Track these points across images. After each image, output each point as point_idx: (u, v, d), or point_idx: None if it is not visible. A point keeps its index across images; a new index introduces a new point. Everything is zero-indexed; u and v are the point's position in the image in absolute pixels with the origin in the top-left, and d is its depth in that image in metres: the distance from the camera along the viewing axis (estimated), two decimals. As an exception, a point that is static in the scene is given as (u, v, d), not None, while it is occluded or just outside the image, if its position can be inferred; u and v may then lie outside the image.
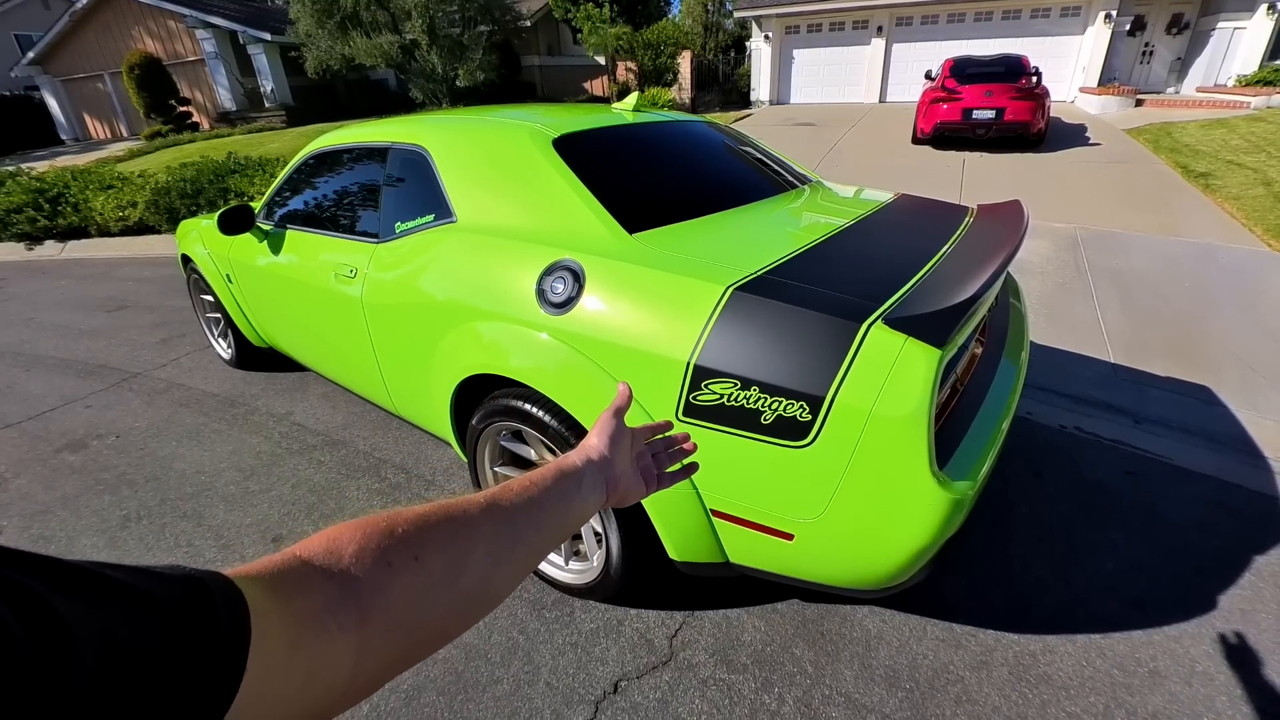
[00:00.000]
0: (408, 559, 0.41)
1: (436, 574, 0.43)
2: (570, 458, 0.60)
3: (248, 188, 6.68)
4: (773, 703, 1.48)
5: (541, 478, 0.55)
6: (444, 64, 14.16)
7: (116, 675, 0.25)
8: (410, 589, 0.41)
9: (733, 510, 1.35)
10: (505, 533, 0.49)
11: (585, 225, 1.59)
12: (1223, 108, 10.54)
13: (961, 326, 1.18)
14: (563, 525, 0.55)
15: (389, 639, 0.39)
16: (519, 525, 0.50)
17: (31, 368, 3.72)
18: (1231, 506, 2.08)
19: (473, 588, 0.46)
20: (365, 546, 0.40)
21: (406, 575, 0.41)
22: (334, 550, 0.39)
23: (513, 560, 0.49)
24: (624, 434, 0.64)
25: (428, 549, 0.43)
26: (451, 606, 0.44)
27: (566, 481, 0.57)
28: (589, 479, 0.59)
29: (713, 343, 1.27)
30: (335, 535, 0.40)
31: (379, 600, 0.39)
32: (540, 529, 0.52)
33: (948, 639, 1.62)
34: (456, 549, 0.45)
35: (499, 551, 0.48)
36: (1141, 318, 3.52)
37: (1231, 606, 1.70)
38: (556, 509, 0.54)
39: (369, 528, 0.41)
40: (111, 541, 2.14)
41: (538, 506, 0.52)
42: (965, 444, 1.35)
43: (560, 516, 0.55)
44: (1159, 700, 1.46)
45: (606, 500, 0.61)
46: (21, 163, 11.35)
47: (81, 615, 0.24)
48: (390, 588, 0.39)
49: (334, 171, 2.42)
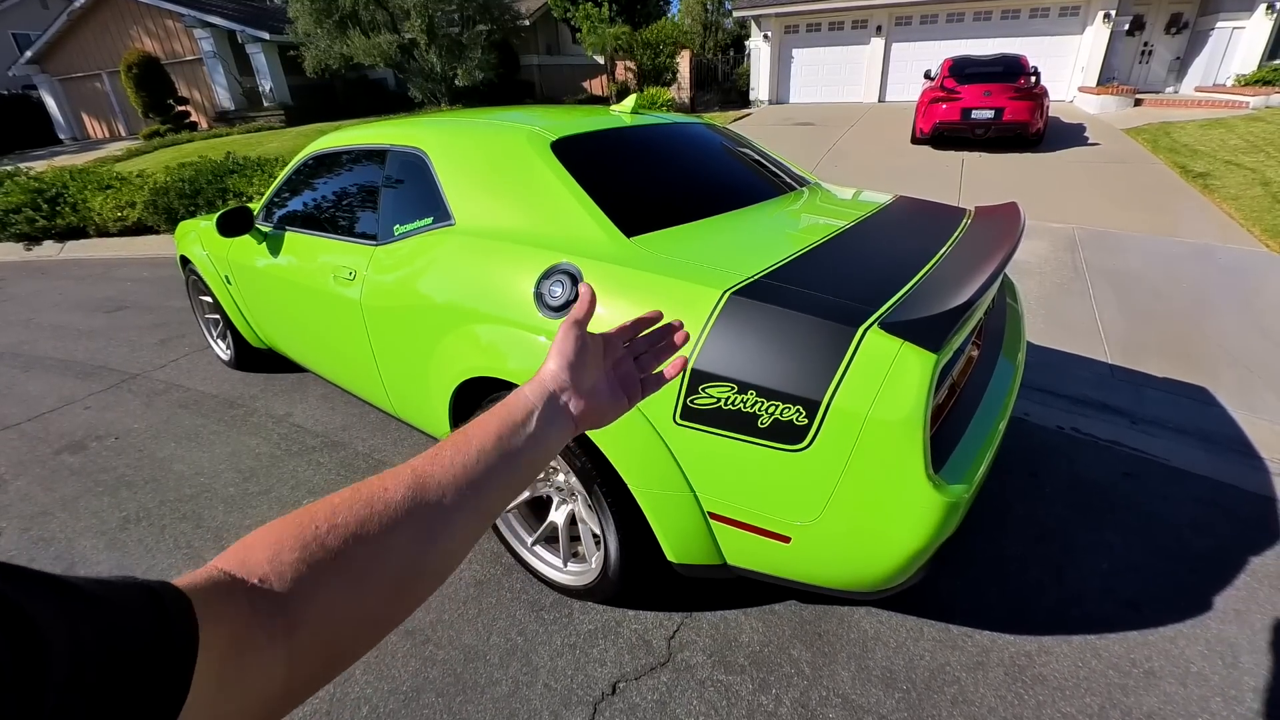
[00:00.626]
0: (325, 558, 0.39)
1: (359, 566, 0.40)
2: (520, 392, 0.53)
3: (246, 188, 6.67)
4: (770, 703, 1.49)
5: (480, 432, 0.49)
6: (443, 63, 14.16)
7: (87, 679, 0.25)
8: (334, 589, 0.39)
9: (730, 513, 1.36)
10: (435, 508, 0.44)
11: (583, 229, 1.59)
12: (1221, 107, 10.55)
13: (957, 330, 1.18)
14: (516, 475, 0.50)
15: (321, 640, 0.38)
16: (454, 493, 0.45)
17: (30, 368, 3.72)
18: (1227, 507, 2.09)
19: (403, 574, 0.42)
20: (278, 552, 0.38)
21: (327, 573, 0.38)
22: (247, 560, 0.37)
23: (449, 534, 0.45)
24: (588, 345, 0.56)
25: (346, 543, 0.40)
26: (382, 598, 0.41)
27: (514, 428, 0.50)
28: (545, 411, 0.52)
29: (710, 346, 1.27)
30: (248, 544, 0.38)
31: (303, 605, 0.37)
32: (481, 492, 0.47)
33: (944, 640, 1.63)
34: (378, 535, 0.41)
35: (430, 529, 0.43)
36: (1139, 318, 3.52)
37: (1227, 607, 1.71)
38: (502, 461, 0.48)
39: (280, 531, 0.39)
40: (111, 543, 2.14)
41: (476, 469, 0.47)
42: (961, 446, 1.36)
43: (508, 467, 0.49)
44: (1154, 701, 1.46)
45: (576, 427, 0.54)
46: (20, 162, 11.34)
47: (51, 619, 0.25)
48: (313, 591, 0.38)
49: (333, 173, 2.42)
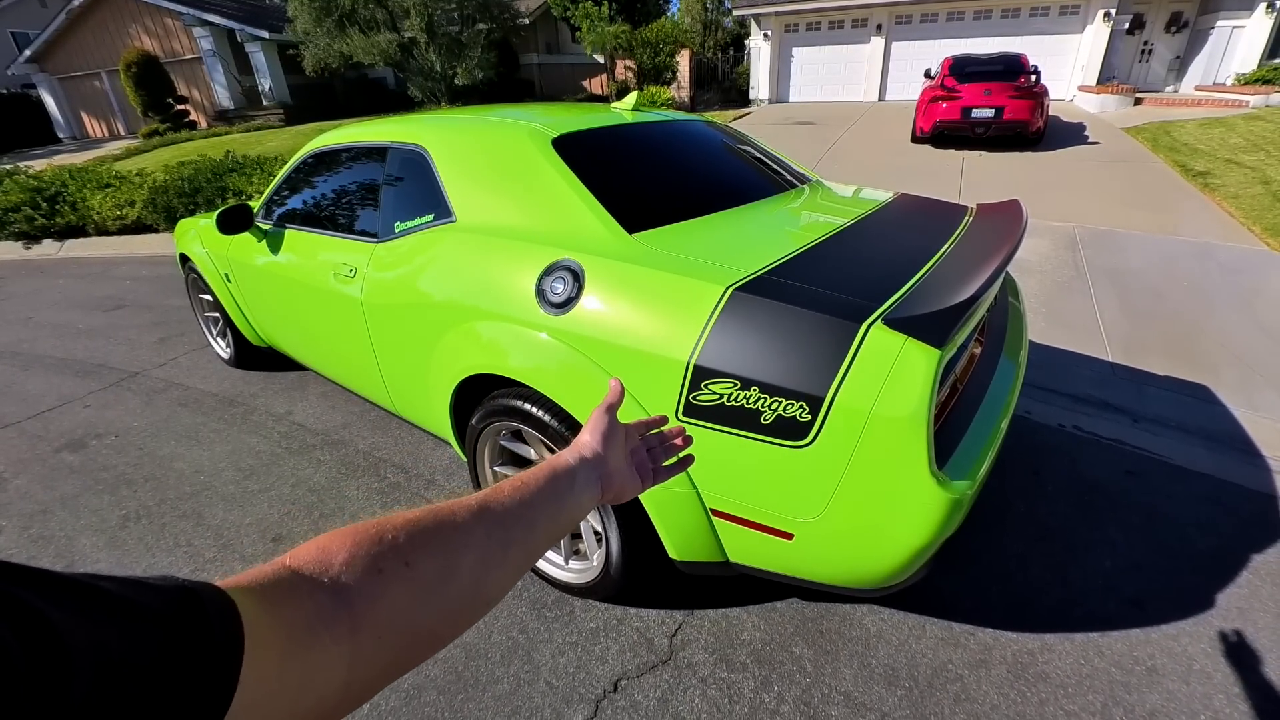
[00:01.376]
0: (398, 565, 0.41)
1: (428, 579, 0.42)
2: (563, 456, 0.59)
3: (246, 186, 6.66)
4: (772, 701, 1.48)
5: (534, 478, 0.55)
6: (442, 62, 14.14)
7: (112, 688, 0.25)
8: (401, 596, 0.40)
9: (732, 510, 1.35)
10: (497, 536, 0.48)
11: (585, 225, 1.59)
12: (1221, 106, 10.55)
13: (961, 327, 1.18)
14: (557, 525, 0.55)
15: (382, 646, 0.39)
16: (511, 528, 0.50)
17: (30, 367, 3.71)
18: (1229, 505, 2.09)
19: (465, 592, 0.45)
20: (355, 554, 0.39)
21: (397, 582, 0.40)
22: (324, 559, 0.39)
23: (505, 563, 0.49)
24: (617, 430, 0.64)
25: (418, 555, 0.42)
26: (444, 611, 0.44)
27: (559, 481, 0.56)
28: (582, 476, 0.58)
29: (713, 343, 1.27)
30: (325, 544, 0.40)
31: (370, 608, 0.38)
32: (534, 530, 0.52)
33: (946, 638, 1.63)
34: (447, 554, 0.44)
35: (491, 555, 0.47)
36: (1140, 317, 3.52)
37: (1229, 605, 1.71)
38: (549, 509, 0.54)
39: (359, 535, 0.41)
40: (111, 541, 2.14)
41: (530, 508, 0.52)
42: (964, 443, 1.35)
43: (554, 516, 0.54)
44: (1157, 698, 1.46)
45: (601, 496, 0.60)
46: (19, 161, 11.32)
47: (75, 628, 0.24)
48: (381, 595, 0.39)
49: (333, 171, 2.42)
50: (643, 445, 0.68)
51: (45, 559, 2.07)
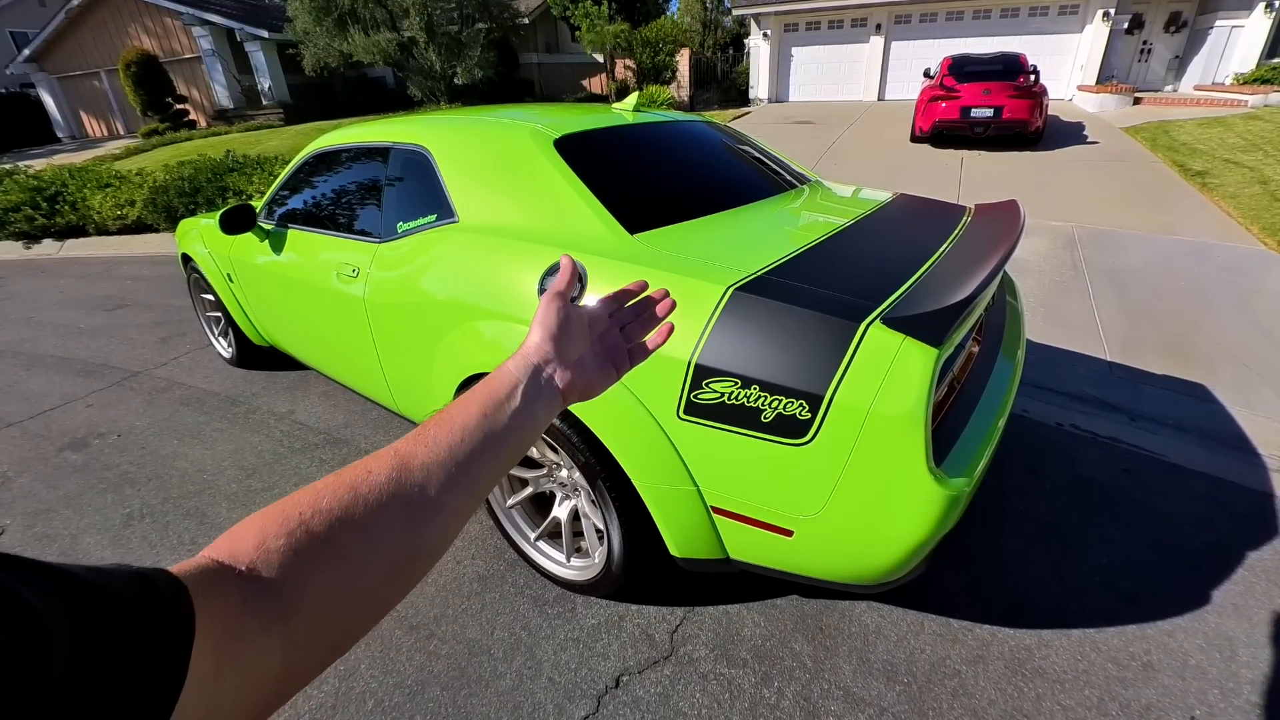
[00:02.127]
0: (315, 545, 0.38)
1: (350, 554, 0.40)
2: (505, 366, 0.53)
3: (246, 186, 6.67)
4: (772, 696, 1.50)
5: (464, 410, 0.49)
6: (442, 62, 14.14)
7: (86, 667, 0.25)
8: (325, 574, 0.38)
9: (733, 507, 1.37)
10: (421, 490, 0.44)
11: (587, 225, 1.60)
12: (1220, 106, 10.57)
13: (958, 326, 1.19)
14: (504, 454, 0.49)
15: (316, 627, 0.38)
16: (439, 477, 0.45)
17: (32, 366, 3.73)
18: (1225, 503, 2.11)
19: (395, 557, 0.42)
20: (263, 540, 0.38)
21: (317, 562, 0.38)
22: (234, 550, 0.37)
23: (439, 515, 0.44)
24: (573, 316, 0.56)
25: (334, 530, 0.39)
26: (374, 582, 0.41)
27: (499, 404, 0.50)
28: (529, 385, 0.52)
29: (713, 342, 1.28)
30: (234, 534, 0.38)
31: (294, 593, 0.37)
32: (469, 471, 0.46)
33: (945, 634, 1.65)
34: (365, 522, 0.41)
35: (420, 511, 0.43)
36: (1138, 316, 3.54)
37: (1225, 601, 1.73)
38: (487, 441, 0.48)
39: (265, 520, 0.39)
40: (115, 540, 2.15)
41: (461, 448, 0.46)
42: (962, 441, 1.37)
43: (496, 448, 0.48)
44: (1152, 693, 1.48)
45: (564, 399, 0.54)
46: (18, 161, 11.32)
47: (49, 608, 0.24)
48: (304, 578, 0.37)
49: (335, 171, 2.43)
50: (614, 325, 0.60)
51: (50, 557, 2.05)
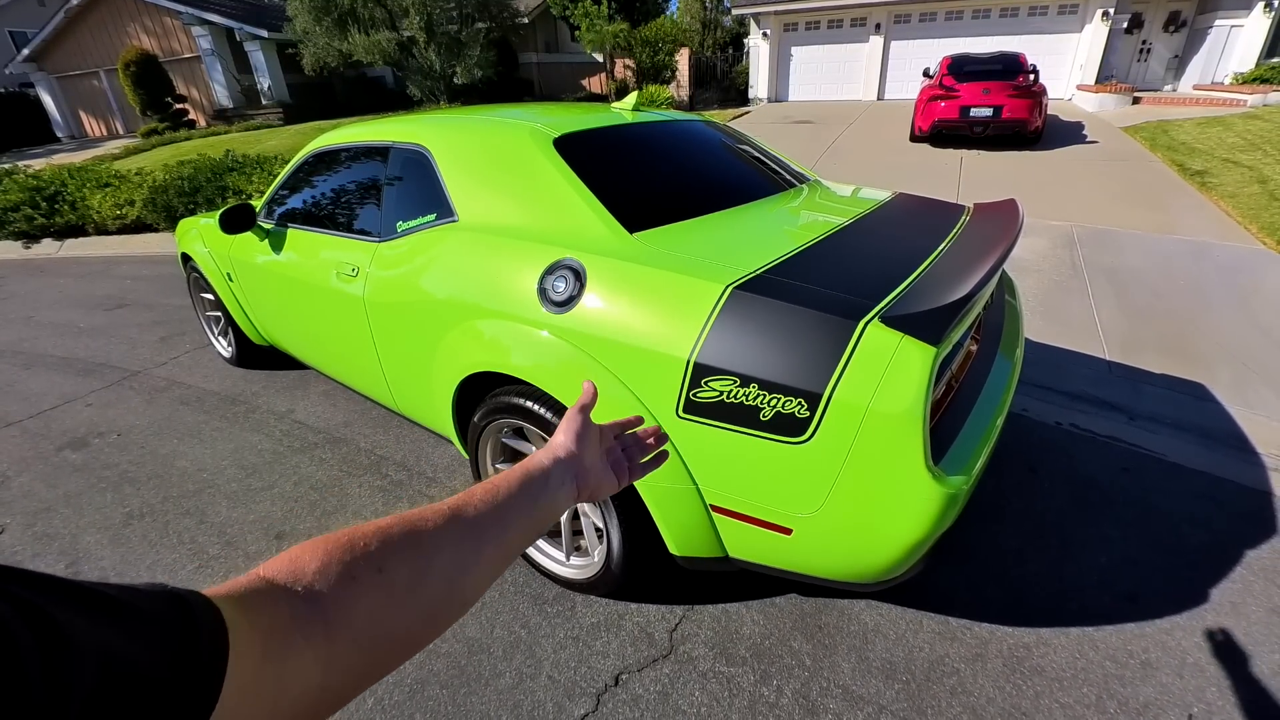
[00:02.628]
0: (371, 571, 0.42)
1: (400, 585, 0.44)
2: (537, 457, 0.61)
3: (246, 185, 6.67)
4: (771, 695, 1.50)
5: (506, 481, 0.56)
6: (442, 61, 14.13)
7: (114, 687, 0.26)
8: (375, 601, 0.42)
9: (732, 505, 1.37)
10: (470, 539, 0.49)
11: (586, 224, 1.61)
12: (1219, 105, 10.58)
13: (956, 324, 1.20)
14: (532, 524, 0.56)
15: (356, 650, 0.40)
16: (484, 530, 0.51)
17: (31, 366, 3.73)
18: (1224, 502, 2.11)
19: (439, 594, 0.46)
20: (328, 562, 0.41)
21: (370, 588, 0.42)
22: (297, 568, 0.40)
23: (479, 564, 0.50)
24: (591, 429, 0.66)
25: (390, 561, 0.43)
26: (417, 615, 0.45)
27: (533, 481, 0.58)
28: (556, 476, 0.60)
29: (712, 340, 1.29)
30: (298, 554, 0.41)
31: (344, 613, 0.39)
32: (506, 531, 0.53)
33: (943, 632, 1.65)
34: (420, 558, 0.45)
35: (464, 557, 0.48)
36: (1137, 315, 3.54)
37: (1222, 600, 1.73)
38: (523, 509, 0.55)
39: (330, 544, 0.42)
40: (115, 539, 2.15)
41: (503, 510, 0.53)
42: (960, 439, 1.37)
43: (528, 516, 0.56)
44: (1150, 691, 1.48)
45: (577, 495, 0.62)
46: (17, 160, 11.32)
47: (80, 628, 0.26)
48: (355, 601, 0.40)
49: (335, 171, 2.43)
50: (618, 445, 0.70)
51: (49, 556, 2.09)
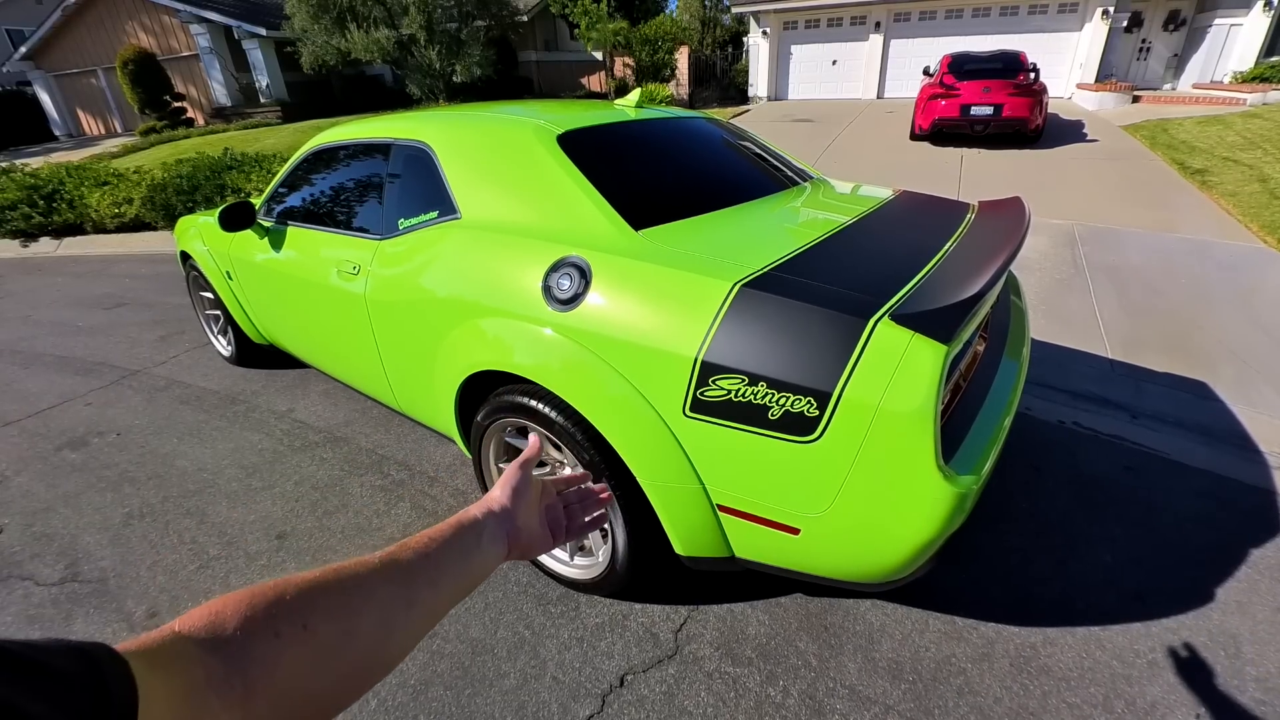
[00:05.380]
0: (296, 628, 0.40)
1: (326, 643, 0.42)
2: (471, 511, 0.60)
3: (244, 184, 6.65)
4: (778, 695, 1.50)
5: (440, 534, 0.55)
6: (441, 59, 14.09)
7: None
8: (298, 659, 0.40)
9: (739, 505, 1.36)
10: (400, 595, 0.48)
11: (591, 222, 1.59)
12: (1219, 104, 10.58)
13: (967, 323, 1.19)
14: (461, 583, 0.54)
15: (273, 712, 0.38)
16: (415, 586, 0.49)
17: (30, 365, 3.71)
18: (1228, 500, 2.11)
19: (364, 654, 0.45)
20: (251, 617, 0.39)
21: (294, 645, 0.40)
22: (218, 622, 0.38)
23: (409, 623, 0.48)
24: (529, 486, 0.65)
25: (317, 616, 0.42)
26: (342, 675, 0.43)
27: (466, 536, 0.56)
28: (489, 532, 0.58)
29: (720, 339, 1.28)
30: (220, 607, 0.39)
31: (265, 673, 0.38)
32: (437, 588, 0.51)
33: (950, 632, 1.64)
34: (348, 614, 0.44)
35: (394, 615, 0.47)
36: (1138, 314, 3.54)
37: (1228, 598, 1.72)
38: (455, 566, 0.54)
39: (255, 597, 0.40)
40: (114, 539, 2.14)
41: (434, 566, 0.51)
42: (969, 439, 1.36)
43: (459, 573, 0.54)
44: (1158, 691, 1.48)
45: (508, 553, 0.61)
46: (15, 159, 11.27)
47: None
48: (277, 659, 0.38)
49: (335, 168, 2.41)
50: (559, 501, 0.69)
51: (48, 556, 2.07)
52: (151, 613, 1.83)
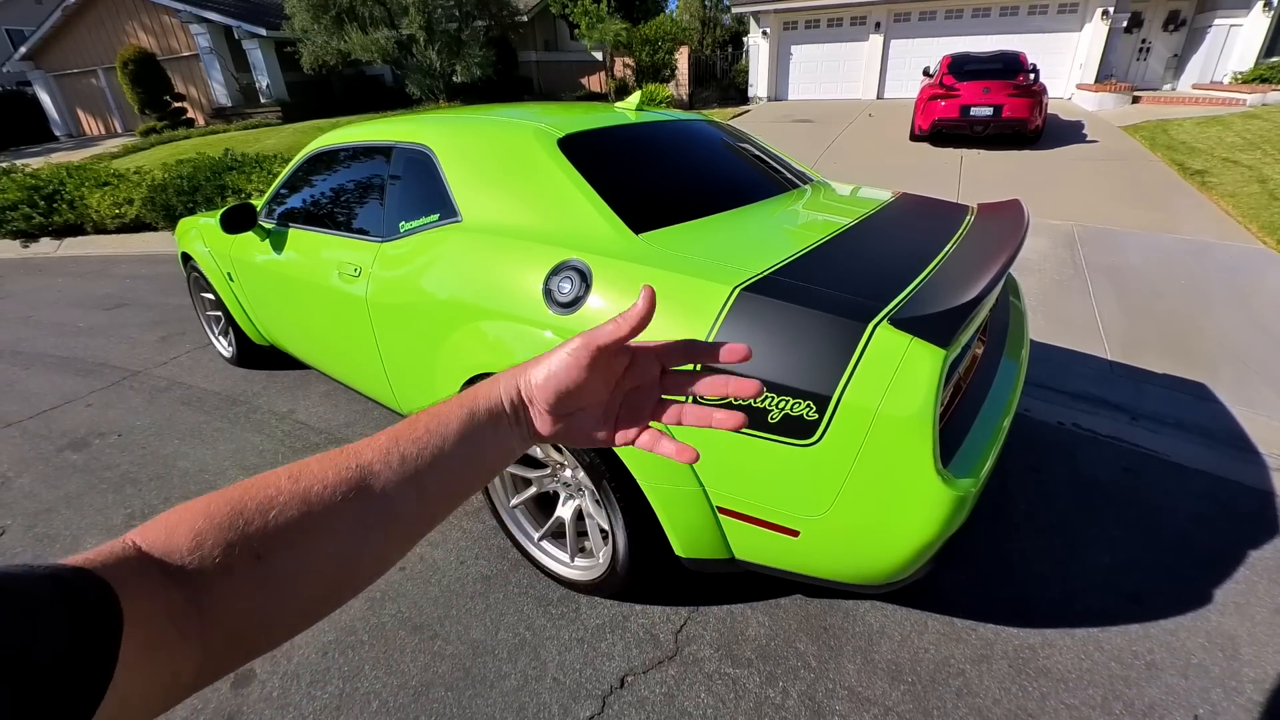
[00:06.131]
0: (248, 559, 0.36)
1: (282, 574, 0.38)
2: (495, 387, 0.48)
3: (245, 184, 6.65)
4: (777, 696, 1.50)
5: (442, 428, 0.45)
6: (441, 60, 14.10)
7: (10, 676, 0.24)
8: (254, 593, 0.37)
9: (739, 507, 1.37)
10: (374, 513, 0.41)
11: (591, 225, 1.60)
12: (1219, 105, 10.58)
13: (965, 326, 1.19)
14: (466, 484, 0.46)
15: (229, 645, 0.36)
16: (395, 503, 0.42)
17: (31, 366, 3.71)
18: (1227, 502, 2.11)
19: (327, 581, 0.40)
20: (201, 543, 0.35)
21: (247, 580, 0.36)
22: (171, 545, 0.35)
23: (386, 542, 0.42)
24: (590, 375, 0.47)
25: (272, 544, 0.37)
26: (306, 601, 0.40)
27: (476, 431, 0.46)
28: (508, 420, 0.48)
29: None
30: (174, 524, 0.36)
31: (219, 607, 0.35)
32: (426, 497, 0.43)
33: (949, 633, 1.65)
34: (308, 542, 0.38)
35: (366, 539, 0.41)
36: (1138, 315, 3.54)
37: (1226, 600, 1.73)
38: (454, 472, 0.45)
39: (211, 515, 0.37)
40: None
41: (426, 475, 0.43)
42: (968, 441, 1.37)
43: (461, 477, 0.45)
44: (1156, 692, 1.48)
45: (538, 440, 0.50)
46: (15, 159, 11.28)
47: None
48: (231, 595, 0.36)
49: (336, 170, 2.42)
50: (657, 388, 0.51)
51: (51, 558, 2.07)
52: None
